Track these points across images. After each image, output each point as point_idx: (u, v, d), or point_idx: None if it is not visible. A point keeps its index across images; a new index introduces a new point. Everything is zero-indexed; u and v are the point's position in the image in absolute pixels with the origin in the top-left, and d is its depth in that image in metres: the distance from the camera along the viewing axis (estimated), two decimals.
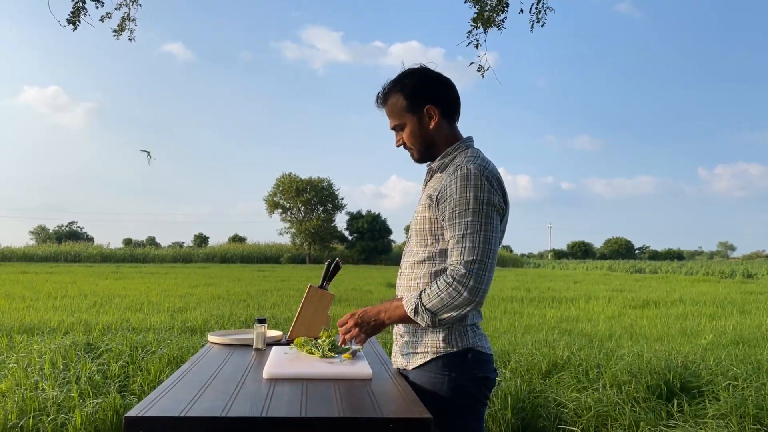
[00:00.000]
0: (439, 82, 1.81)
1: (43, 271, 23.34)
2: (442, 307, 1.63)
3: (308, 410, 1.36)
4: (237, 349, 2.14)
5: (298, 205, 47.66)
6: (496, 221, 1.66)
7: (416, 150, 1.82)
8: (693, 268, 38.67)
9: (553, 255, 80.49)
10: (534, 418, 4.04)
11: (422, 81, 1.79)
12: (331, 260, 2.31)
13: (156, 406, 1.36)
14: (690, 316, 10.53)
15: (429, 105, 1.78)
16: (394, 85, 1.81)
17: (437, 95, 1.79)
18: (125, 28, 5.45)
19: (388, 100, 1.82)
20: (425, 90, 1.78)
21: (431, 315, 1.64)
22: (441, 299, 1.62)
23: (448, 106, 1.81)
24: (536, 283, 19.55)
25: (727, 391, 4.21)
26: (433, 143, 1.80)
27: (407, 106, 1.79)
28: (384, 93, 1.83)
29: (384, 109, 1.84)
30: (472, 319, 1.75)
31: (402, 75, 1.82)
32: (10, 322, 7.51)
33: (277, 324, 7.34)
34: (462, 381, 1.70)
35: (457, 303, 1.61)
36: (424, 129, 1.79)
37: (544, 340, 6.41)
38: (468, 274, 1.60)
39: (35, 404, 3.78)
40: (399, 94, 1.79)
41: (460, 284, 1.60)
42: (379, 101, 1.85)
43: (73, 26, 4.97)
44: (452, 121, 1.83)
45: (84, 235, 69.11)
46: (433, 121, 1.78)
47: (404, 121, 1.80)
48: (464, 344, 1.71)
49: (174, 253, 45.17)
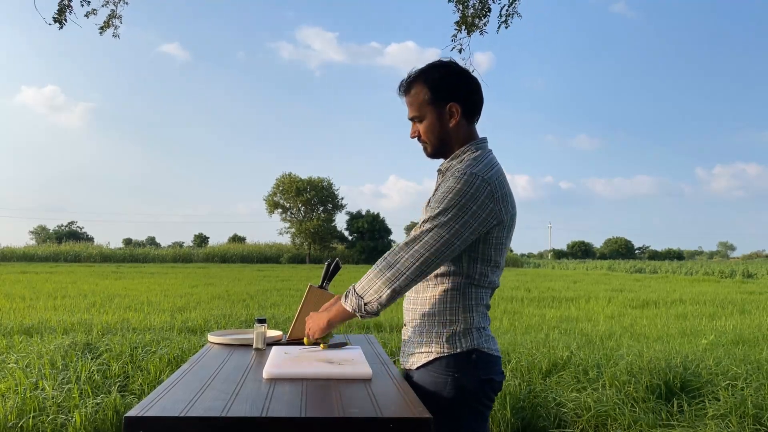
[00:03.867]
0: (467, 80, 1.76)
1: (43, 271, 23.33)
2: (366, 287, 1.64)
3: (308, 410, 1.36)
4: (237, 349, 2.14)
5: (298, 205, 47.63)
6: (463, 227, 1.60)
7: (431, 145, 1.77)
8: (693, 268, 38.65)
9: (553, 255, 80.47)
10: (534, 418, 4.04)
11: (449, 76, 1.73)
12: (331, 260, 2.31)
13: (156, 406, 1.36)
14: (690, 316, 10.53)
15: (452, 102, 1.72)
16: (420, 74, 1.75)
17: (462, 94, 1.73)
18: (111, 24, 5.46)
19: (411, 89, 1.75)
20: (451, 86, 1.73)
21: (358, 297, 1.65)
22: (369, 280, 1.64)
23: (470, 106, 1.75)
24: (536, 283, 19.55)
25: (726, 391, 4.21)
26: (449, 142, 1.75)
27: (430, 99, 1.73)
28: (408, 81, 1.76)
29: (405, 98, 1.78)
30: (479, 322, 1.72)
31: (430, 66, 1.76)
32: (10, 322, 7.51)
33: (277, 324, 7.34)
34: (465, 382, 1.68)
35: (379, 284, 1.62)
36: (443, 126, 1.74)
37: (543, 340, 6.41)
38: (397, 255, 1.61)
39: (35, 404, 3.77)
40: (423, 86, 1.73)
41: (387, 264, 1.62)
42: (401, 89, 1.78)
43: (59, 24, 4.96)
44: (472, 122, 1.77)
45: (84, 235, 69.13)
46: (454, 119, 1.73)
47: (424, 114, 1.75)
48: (469, 345, 1.69)
49: (174, 253, 45.16)
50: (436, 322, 1.72)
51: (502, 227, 1.69)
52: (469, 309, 1.71)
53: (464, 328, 1.70)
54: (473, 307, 1.72)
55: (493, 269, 1.72)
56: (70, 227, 75.78)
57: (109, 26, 5.49)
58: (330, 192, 48.26)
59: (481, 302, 1.74)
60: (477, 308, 1.72)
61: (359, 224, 48.01)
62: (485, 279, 1.72)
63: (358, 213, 49.41)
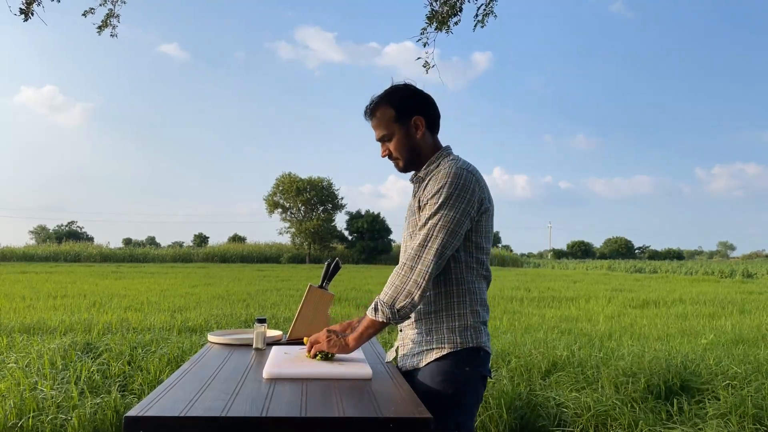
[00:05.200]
0: (424, 97, 1.93)
1: (43, 270, 23.32)
2: (396, 295, 1.72)
3: (308, 410, 1.36)
4: (237, 349, 2.14)
5: (298, 204, 47.60)
6: (463, 215, 1.75)
7: (402, 159, 1.91)
8: (693, 267, 38.64)
9: (553, 255, 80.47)
10: (533, 417, 4.03)
11: (409, 94, 1.91)
12: (331, 260, 2.32)
13: (156, 406, 1.36)
14: (690, 315, 10.53)
15: (416, 116, 1.88)
16: (382, 98, 1.91)
17: (423, 108, 1.90)
18: (109, 24, 5.44)
19: (377, 112, 1.91)
20: (412, 102, 1.89)
21: (389, 307, 1.73)
22: (395, 288, 1.73)
23: (432, 118, 1.92)
24: (536, 282, 19.55)
25: (726, 390, 4.21)
26: (419, 153, 1.90)
27: (395, 116, 1.88)
28: (372, 106, 1.92)
29: (371, 121, 1.93)
30: (483, 316, 1.84)
31: (390, 89, 1.92)
32: (10, 322, 7.51)
33: (277, 324, 7.34)
34: (472, 376, 1.78)
35: (408, 288, 1.71)
36: (411, 139, 1.89)
37: (543, 340, 6.41)
38: (416, 257, 1.72)
39: (34, 404, 3.77)
40: (387, 106, 1.89)
41: (408, 268, 1.72)
42: (367, 114, 1.93)
43: (24, 16, 4.88)
44: (435, 133, 1.94)
45: (84, 235, 69.10)
46: (420, 131, 1.88)
47: (392, 131, 1.89)
48: (478, 342, 1.80)
49: (174, 253, 45.15)
50: (445, 318, 1.80)
51: (488, 215, 1.84)
52: (476, 302, 1.82)
53: (474, 322, 1.80)
54: (478, 300, 1.83)
55: (486, 256, 1.87)
56: (70, 227, 75.78)
57: (107, 25, 5.47)
58: (330, 192, 48.24)
59: (483, 295, 1.85)
60: (481, 301, 1.84)
61: (359, 224, 47.99)
62: (483, 267, 1.85)
63: (357, 213, 49.39)
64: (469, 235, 1.80)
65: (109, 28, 5.49)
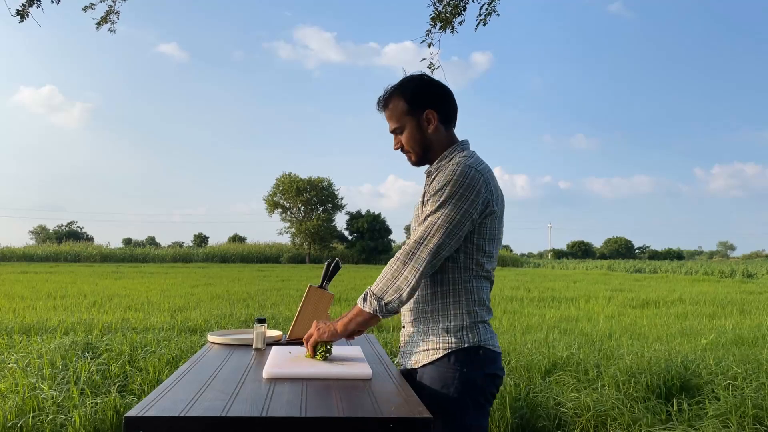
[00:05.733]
0: (439, 89, 1.87)
1: (43, 271, 23.33)
2: (386, 288, 1.71)
3: (308, 410, 1.36)
4: (237, 349, 2.14)
5: (298, 204, 47.60)
6: (464, 216, 1.69)
7: (414, 153, 1.86)
8: (693, 267, 38.64)
9: (553, 255, 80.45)
10: (533, 417, 4.03)
11: (422, 86, 1.85)
12: (331, 260, 2.31)
13: (156, 406, 1.36)
14: (690, 315, 10.53)
15: (428, 109, 1.83)
16: (395, 89, 1.86)
17: (436, 101, 1.84)
18: (108, 20, 5.42)
19: (389, 104, 1.86)
20: (425, 95, 1.84)
21: (378, 299, 1.71)
22: (386, 281, 1.71)
23: (446, 112, 1.86)
24: (536, 282, 19.55)
25: (726, 390, 4.21)
26: (431, 147, 1.85)
27: (408, 109, 1.83)
28: (385, 97, 1.87)
29: (384, 112, 1.89)
30: (482, 315, 1.80)
31: (403, 80, 1.87)
32: (10, 322, 7.51)
33: (277, 324, 7.35)
34: (472, 376, 1.73)
35: (398, 283, 1.69)
36: (422, 132, 1.84)
37: (543, 340, 6.41)
38: (410, 253, 1.69)
39: (34, 404, 3.77)
40: (400, 98, 1.84)
41: (401, 263, 1.70)
42: (380, 105, 1.89)
43: (21, 17, 4.87)
44: (449, 127, 1.88)
45: (84, 235, 69.05)
46: (432, 125, 1.83)
47: (404, 124, 1.85)
48: (476, 341, 1.75)
49: (174, 253, 45.12)
50: (440, 318, 1.77)
51: (495, 217, 1.78)
52: (473, 302, 1.78)
53: (470, 322, 1.76)
54: (476, 300, 1.78)
55: (488, 259, 1.81)
56: (70, 227, 75.76)
57: (107, 21, 5.45)
58: (330, 192, 48.23)
59: (482, 294, 1.80)
60: (479, 301, 1.79)
61: (359, 224, 47.98)
62: (482, 269, 1.79)
63: (357, 213, 49.38)
64: (471, 236, 1.75)
65: (108, 23, 5.47)
